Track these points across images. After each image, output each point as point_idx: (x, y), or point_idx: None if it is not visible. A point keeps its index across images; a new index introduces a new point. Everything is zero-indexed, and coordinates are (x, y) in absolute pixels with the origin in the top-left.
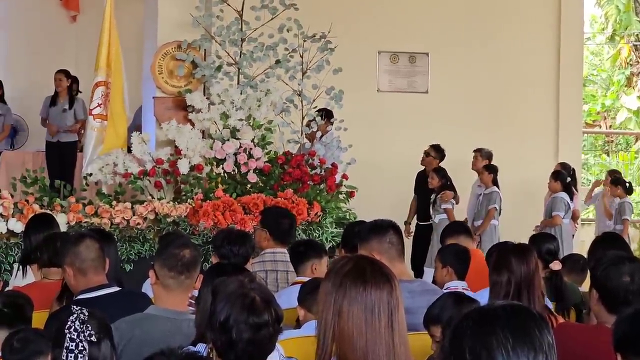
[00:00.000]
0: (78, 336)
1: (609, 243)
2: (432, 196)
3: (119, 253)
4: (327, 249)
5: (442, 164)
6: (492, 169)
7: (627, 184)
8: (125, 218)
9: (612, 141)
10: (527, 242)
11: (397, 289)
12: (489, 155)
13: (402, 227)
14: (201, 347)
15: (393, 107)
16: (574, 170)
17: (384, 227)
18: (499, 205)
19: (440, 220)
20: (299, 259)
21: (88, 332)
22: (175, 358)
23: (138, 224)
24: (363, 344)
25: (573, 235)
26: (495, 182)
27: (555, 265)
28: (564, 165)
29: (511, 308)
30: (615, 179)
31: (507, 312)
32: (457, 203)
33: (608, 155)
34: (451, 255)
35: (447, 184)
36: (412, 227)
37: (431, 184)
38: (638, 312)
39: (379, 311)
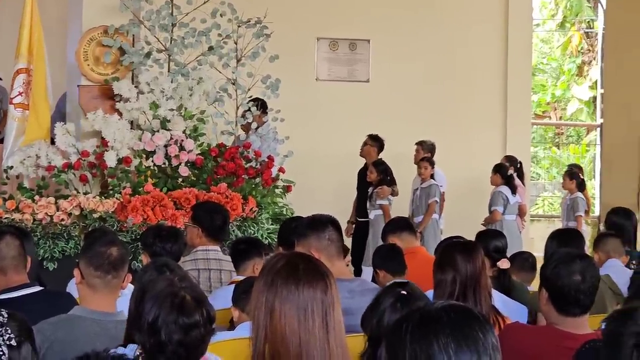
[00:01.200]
0: None
1: (564, 240)
2: (370, 189)
3: (43, 251)
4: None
5: (384, 157)
6: (432, 162)
7: (581, 180)
8: (49, 214)
9: (562, 133)
10: (473, 239)
11: (332, 287)
12: (431, 148)
13: (344, 226)
14: (131, 349)
15: (332, 97)
16: (521, 163)
17: (322, 223)
18: (439, 198)
19: (376, 217)
20: (240, 257)
21: (7, 335)
22: None
23: (62, 220)
24: (296, 344)
25: (521, 232)
26: (432, 175)
27: (503, 264)
28: (509, 158)
29: (453, 309)
30: (571, 172)
31: (449, 314)
32: (396, 195)
33: (558, 148)
34: (378, 258)
35: (386, 179)
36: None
37: (370, 177)
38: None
39: (313, 311)
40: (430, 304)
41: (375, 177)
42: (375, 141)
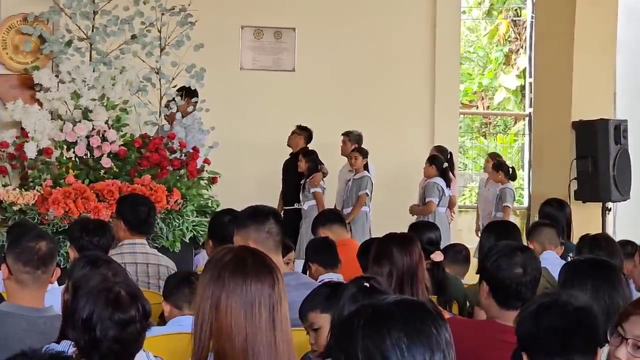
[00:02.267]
0: None
1: (500, 232)
2: (302, 181)
3: None
4: (187, 239)
5: (311, 147)
6: (363, 152)
7: (510, 169)
8: None
9: (489, 123)
10: (406, 231)
11: (279, 282)
12: (358, 139)
13: None
14: (65, 345)
15: (258, 87)
16: (451, 154)
17: (264, 214)
18: (370, 191)
19: (309, 207)
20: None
21: None
22: (39, 359)
23: None
24: (242, 339)
25: (450, 224)
26: (366, 167)
27: (437, 256)
28: (440, 149)
29: (405, 304)
30: (498, 164)
31: (402, 309)
32: (325, 174)
33: (485, 138)
34: (311, 251)
35: (316, 167)
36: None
37: (300, 167)
38: (541, 306)
39: (260, 305)
40: (383, 298)
41: (305, 165)
42: (303, 131)
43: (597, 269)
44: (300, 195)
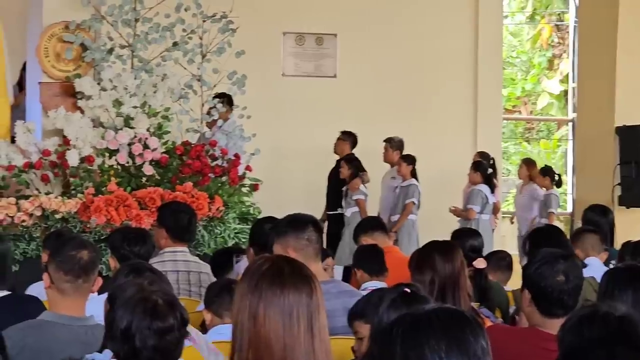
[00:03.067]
0: None
1: (545, 238)
2: (344, 188)
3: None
4: (229, 245)
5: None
6: (410, 160)
7: (557, 176)
8: (10, 215)
9: (533, 128)
10: (449, 239)
11: (317, 291)
12: (399, 145)
13: None
14: (106, 355)
15: (299, 93)
16: (493, 159)
17: (303, 222)
18: (418, 199)
19: (352, 214)
20: (221, 269)
21: None
22: None
23: (23, 221)
24: (280, 350)
25: (493, 230)
26: (414, 174)
27: (480, 264)
28: (483, 155)
29: (444, 313)
30: (545, 169)
31: (440, 318)
32: (366, 182)
33: (529, 144)
34: (359, 258)
35: (358, 174)
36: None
37: (342, 173)
38: (583, 318)
39: (298, 315)
40: (422, 307)
41: (347, 172)
42: (349, 136)
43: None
44: (343, 202)
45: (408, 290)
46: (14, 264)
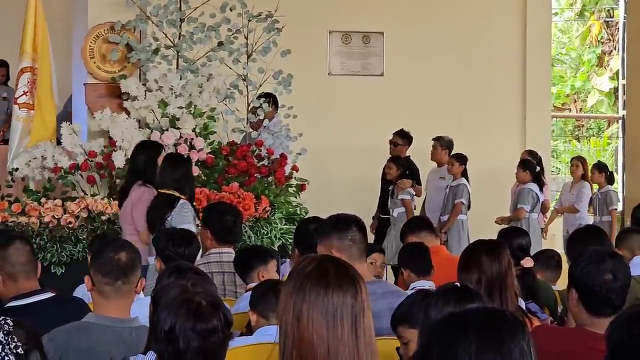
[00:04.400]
0: (3, 349)
1: (588, 237)
2: (390, 187)
3: (50, 255)
4: (276, 247)
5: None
6: (462, 159)
7: (610, 173)
8: (56, 216)
9: (582, 126)
10: (496, 238)
11: (362, 292)
12: (449, 144)
13: (368, 223)
14: (150, 357)
15: (346, 92)
16: (540, 158)
17: (346, 223)
18: (467, 199)
19: (399, 215)
20: (243, 268)
21: (14, 343)
22: None
23: (70, 222)
24: (324, 351)
25: (542, 229)
26: (464, 174)
27: (527, 262)
28: (531, 153)
29: (483, 312)
30: (600, 165)
31: (477, 318)
32: (418, 195)
33: (579, 141)
34: (405, 256)
35: (405, 174)
36: None
37: (389, 174)
38: (632, 316)
39: (342, 316)
40: (465, 306)
41: (395, 172)
42: (404, 137)
43: None
44: (389, 202)
45: (458, 285)
46: (60, 266)
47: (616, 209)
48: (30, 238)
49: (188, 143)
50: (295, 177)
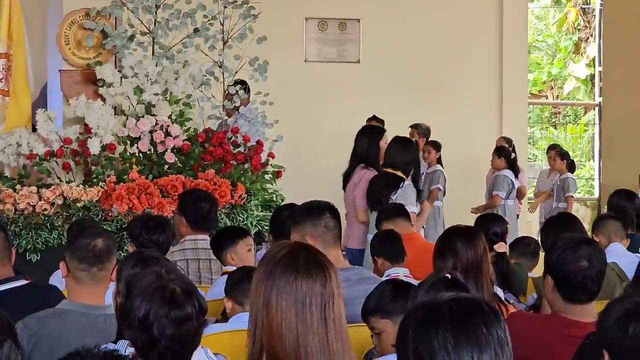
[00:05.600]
0: None
1: (562, 224)
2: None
3: (25, 242)
4: (252, 234)
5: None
6: (437, 147)
7: (571, 161)
8: (31, 203)
9: (559, 113)
10: (472, 225)
11: (332, 279)
12: (426, 132)
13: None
14: (121, 345)
15: (322, 79)
16: (514, 145)
17: (319, 209)
18: (443, 186)
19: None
20: (215, 250)
21: None
22: (92, 358)
23: (45, 209)
24: (293, 339)
25: (518, 216)
26: (439, 161)
27: (500, 247)
28: (506, 140)
29: (458, 302)
30: (562, 152)
31: (452, 309)
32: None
33: (555, 128)
34: (377, 245)
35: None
36: None
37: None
38: (628, 312)
39: (311, 304)
40: (437, 296)
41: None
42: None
43: None
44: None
45: (449, 276)
46: (35, 253)
47: (572, 196)
48: (5, 225)
49: (164, 130)
50: (271, 164)
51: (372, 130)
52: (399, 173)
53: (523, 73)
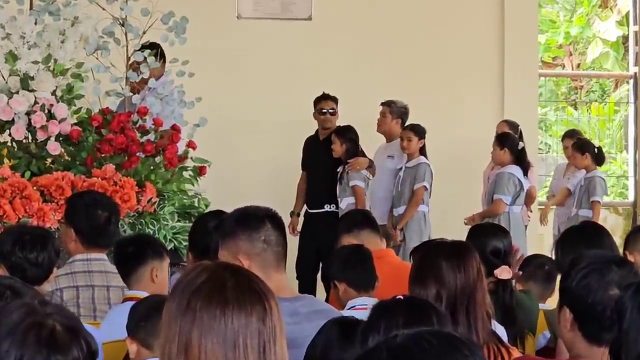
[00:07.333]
0: None
1: (585, 238)
2: (339, 169)
3: None
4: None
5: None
6: (420, 133)
7: (596, 150)
8: None
9: (581, 88)
10: (464, 239)
11: (273, 312)
12: (402, 112)
13: (287, 221)
14: None
15: (261, 41)
16: (521, 131)
17: (257, 219)
18: (430, 184)
19: (348, 206)
20: (129, 264)
21: None
22: None
23: None
24: None
25: (526, 227)
26: (423, 152)
27: (503, 273)
28: (510, 125)
29: (429, 339)
30: (581, 143)
31: (424, 347)
32: (373, 174)
33: (576, 109)
34: (338, 264)
35: (355, 149)
36: (302, 220)
37: (335, 151)
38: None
39: (245, 345)
40: (400, 334)
41: (340, 148)
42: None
43: None
44: (337, 189)
45: (401, 297)
46: None
47: (599, 201)
48: None
49: (46, 111)
50: (192, 158)
51: None
52: None
53: (532, 34)
